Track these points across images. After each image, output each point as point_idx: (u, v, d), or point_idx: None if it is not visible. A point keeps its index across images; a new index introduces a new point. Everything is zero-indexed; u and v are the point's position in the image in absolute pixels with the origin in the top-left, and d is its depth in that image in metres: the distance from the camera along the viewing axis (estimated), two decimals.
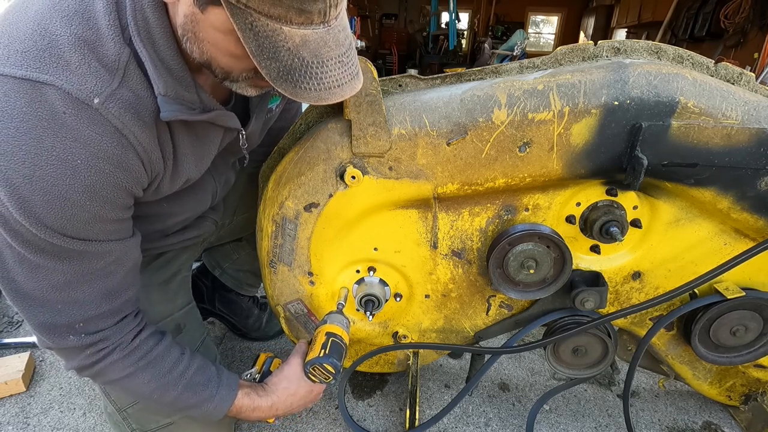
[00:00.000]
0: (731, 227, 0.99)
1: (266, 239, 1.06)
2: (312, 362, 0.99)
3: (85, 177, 0.69)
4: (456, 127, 0.89)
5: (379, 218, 1.02)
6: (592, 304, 1.04)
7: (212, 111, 0.80)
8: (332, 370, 0.99)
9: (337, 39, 0.66)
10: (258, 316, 1.63)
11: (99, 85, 0.67)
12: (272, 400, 1.01)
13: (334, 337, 1.01)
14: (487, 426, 1.33)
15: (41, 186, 0.67)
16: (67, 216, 0.70)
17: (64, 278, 0.76)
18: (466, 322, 1.18)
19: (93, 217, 0.73)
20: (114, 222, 0.78)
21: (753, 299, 1.03)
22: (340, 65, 0.67)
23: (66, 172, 0.67)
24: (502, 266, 1.02)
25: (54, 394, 1.38)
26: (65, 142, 0.66)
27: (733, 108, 0.85)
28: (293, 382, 1.02)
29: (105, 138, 0.69)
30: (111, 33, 0.68)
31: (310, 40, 0.63)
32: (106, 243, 0.78)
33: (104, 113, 0.68)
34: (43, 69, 0.65)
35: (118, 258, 0.82)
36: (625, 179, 0.89)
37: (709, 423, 1.36)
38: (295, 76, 0.64)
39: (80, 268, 0.77)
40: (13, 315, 1.74)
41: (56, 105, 0.65)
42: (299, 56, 0.63)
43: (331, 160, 0.94)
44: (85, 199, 0.70)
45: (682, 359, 1.21)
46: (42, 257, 0.73)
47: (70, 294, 0.78)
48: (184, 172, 0.87)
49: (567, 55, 0.93)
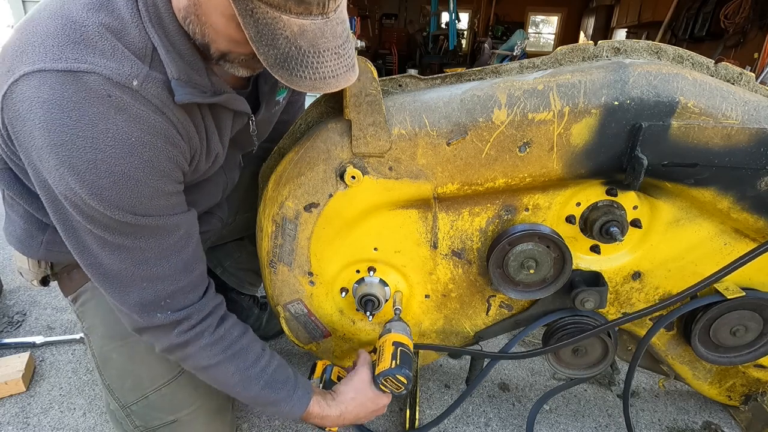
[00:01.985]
0: (731, 227, 0.99)
1: (266, 239, 1.06)
2: (384, 374, 0.99)
3: (142, 153, 0.73)
4: (456, 127, 0.89)
5: (379, 218, 1.02)
6: (592, 304, 1.04)
7: (223, 94, 0.83)
8: (404, 380, 0.99)
9: (334, 31, 0.68)
10: (258, 315, 1.63)
11: (135, 68, 0.71)
12: (341, 410, 1.01)
13: (402, 346, 1.02)
14: (487, 426, 1.33)
15: (105, 168, 0.70)
16: (134, 193, 0.74)
17: (143, 255, 0.81)
18: (466, 322, 1.18)
19: (156, 192, 0.77)
20: (173, 195, 0.82)
21: (753, 299, 1.03)
22: (336, 56, 0.69)
23: (125, 150, 0.71)
24: (502, 266, 1.02)
25: (54, 394, 1.38)
26: (117, 123, 0.70)
27: (733, 108, 0.85)
28: (361, 392, 1.02)
29: (151, 116, 0.73)
30: (133, 21, 0.72)
31: (308, 30, 0.65)
32: (173, 216, 0.82)
33: (144, 94, 0.72)
34: (80, 59, 0.68)
35: (187, 230, 0.87)
36: (625, 179, 0.89)
37: (709, 423, 1.36)
38: (291, 63, 0.66)
39: (156, 245, 0.81)
40: (13, 315, 1.74)
41: (101, 90, 0.68)
42: (296, 45, 0.65)
43: (331, 160, 0.94)
44: (147, 175, 0.74)
45: (682, 359, 1.21)
46: (121, 237, 0.78)
47: (152, 270, 0.82)
48: (214, 150, 0.92)
49: (567, 55, 0.93)
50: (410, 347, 1.03)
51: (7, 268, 2.06)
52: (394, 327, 1.06)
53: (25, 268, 1.03)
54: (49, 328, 1.68)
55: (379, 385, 1.01)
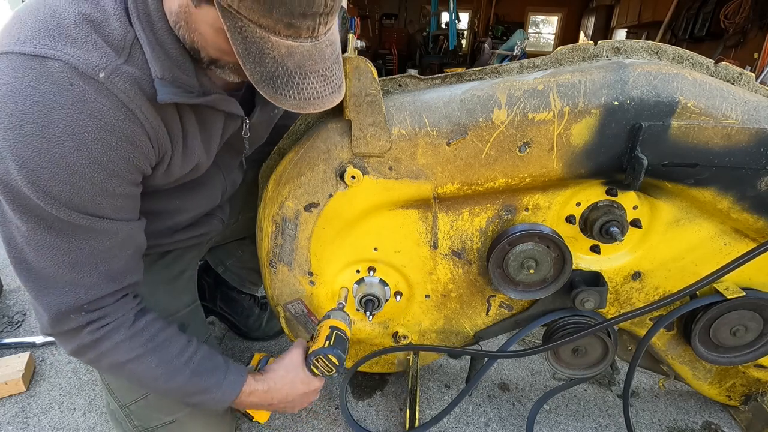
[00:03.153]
0: (731, 227, 0.99)
1: (266, 239, 1.06)
2: (316, 353, 0.98)
3: (92, 149, 0.70)
4: (456, 127, 0.89)
5: (379, 218, 1.02)
6: (592, 304, 1.04)
7: (211, 95, 0.81)
8: (336, 361, 0.98)
9: (323, 53, 0.69)
10: (258, 315, 1.63)
11: (104, 60, 0.69)
12: (268, 385, 0.99)
13: (338, 330, 1.01)
14: (487, 426, 1.33)
15: (49, 158, 0.68)
16: (75, 188, 0.71)
17: (71, 257, 0.77)
18: (466, 322, 1.18)
19: (100, 191, 0.74)
20: (121, 197, 0.78)
21: (753, 299, 1.03)
22: (322, 79, 0.70)
23: (73, 144, 0.68)
24: (502, 266, 1.02)
25: (54, 394, 1.38)
26: (72, 115, 0.67)
27: (733, 108, 0.85)
28: (291, 370, 1.01)
29: (111, 111, 0.70)
30: (117, 14, 0.71)
31: (296, 53, 0.66)
32: (113, 222, 0.79)
33: (110, 87, 0.69)
34: (50, 46, 0.67)
35: (123, 240, 0.82)
36: (625, 179, 0.89)
37: (709, 423, 1.36)
38: (277, 82, 0.67)
39: (86, 247, 0.78)
40: (13, 315, 1.74)
41: (62, 79, 0.66)
42: (283, 65, 0.66)
43: (331, 160, 0.94)
44: (93, 172, 0.71)
45: (682, 359, 1.21)
46: (50, 234, 0.74)
47: (76, 275, 0.79)
48: (194, 155, 0.88)
49: (567, 55, 0.93)
50: (347, 334, 1.02)
51: (7, 268, 2.06)
52: (334, 314, 1.05)
53: None
54: None
55: (311, 366, 1.00)
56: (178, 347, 0.92)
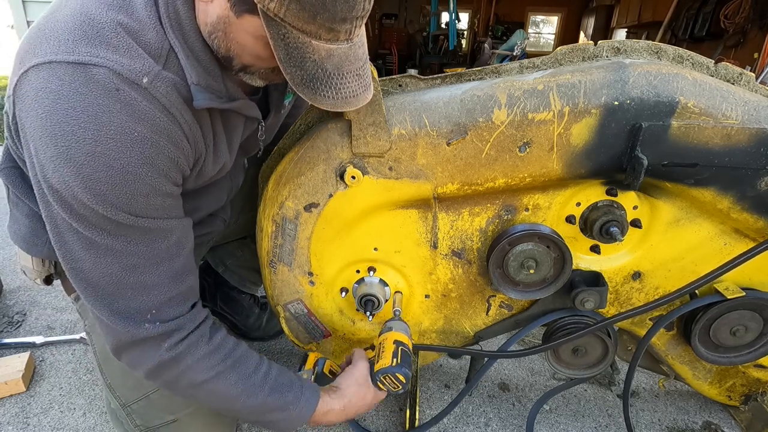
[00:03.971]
0: (731, 227, 0.99)
1: (266, 239, 1.06)
2: (384, 371, 0.98)
3: (143, 149, 0.72)
4: (456, 127, 0.89)
5: (379, 218, 1.02)
6: (592, 304, 1.04)
7: (237, 100, 0.84)
8: (404, 380, 0.99)
9: (357, 54, 0.73)
10: (258, 315, 1.63)
11: (146, 66, 0.71)
12: (344, 403, 0.99)
13: (403, 346, 1.01)
14: (487, 426, 1.33)
15: (103, 161, 0.69)
16: (130, 190, 0.73)
17: (131, 261, 0.78)
18: (466, 322, 1.18)
19: (153, 190, 0.76)
20: (169, 197, 0.80)
21: (753, 299, 1.03)
22: (357, 78, 0.74)
23: (126, 145, 0.70)
24: (502, 266, 1.02)
25: (54, 394, 1.38)
26: (121, 117, 0.69)
27: (733, 108, 0.85)
28: (363, 386, 1.01)
29: (157, 114, 0.73)
30: (152, 23, 0.73)
31: (335, 55, 0.70)
32: (167, 220, 0.80)
33: (153, 92, 0.72)
34: (93, 53, 0.68)
35: (179, 238, 0.84)
36: (625, 179, 0.89)
37: (709, 423, 1.36)
38: (316, 84, 0.71)
39: (146, 250, 0.79)
40: (13, 315, 1.74)
41: (109, 84, 0.68)
42: (323, 68, 0.70)
43: (331, 160, 0.94)
44: (146, 171, 0.73)
45: (682, 359, 1.21)
46: (109, 239, 0.75)
47: (139, 277, 0.79)
48: (222, 157, 0.92)
49: (567, 55, 0.93)
50: (410, 347, 1.03)
51: (7, 268, 2.06)
52: (396, 326, 1.06)
53: (29, 267, 1.03)
54: (49, 328, 1.68)
55: (378, 382, 1.00)
56: (254, 363, 0.92)
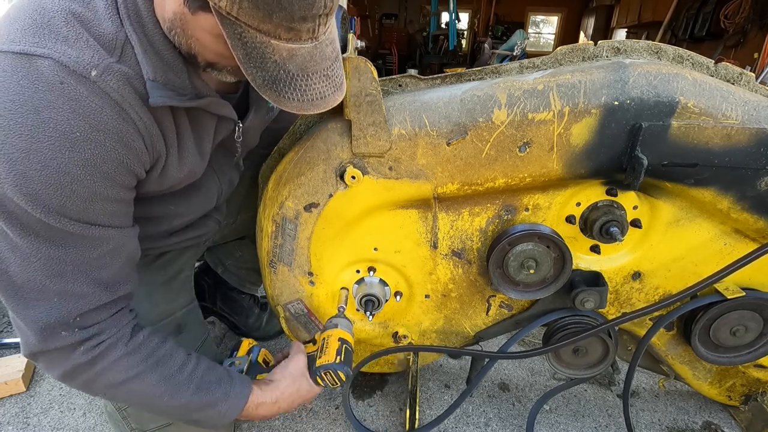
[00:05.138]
0: (731, 227, 0.99)
1: (266, 239, 1.06)
2: (326, 367, 0.98)
3: (84, 150, 0.67)
4: (456, 127, 0.89)
5: (379, 218, 1.02)
6: (592, 304, 1.04)
7: (205, 97, 0.79)
8: (344, 378, 0.99)
9: (323, 53, 0.68)
10: (258, 315, 1.63)
11: (96, 58, 0.66)
12: (276, 395, 0.97)
13: (346, 344, 1.01)
14: (487, 426, 1.33)
15: (39, 159, 0.65)
16: (66, 192, 0.68)
17: (59, 267, 0.73)
18: (466, 322, 1.18)
19: (93, 195, 0.71)
20: (114, 202, 0.75)
21: (753, 299, 1.03)
22: (324, 78, 0.69)
23: (65, 144, 0.66)
24: (502, 266, 1.02)
25: (54, 394, 1.38)
26: (63, 114, 0.65)
27: (733, 108, 0.85)
28: (297, 379, 1.00)
29: (104, 110, 0.68)
30: (108, 14, 0.69)
31: (297, 55, 0.65)
32: (105, 229, 0.75)
33: (102, 86, 0.67)
34: (40, 44, 0.65)
35: (115, 248, 0.78)
36: (625, 179, 0.89)
37: (709, 423, 1.36)
38: (279, 86, 0.66)
39: (76, 256, 0.74)
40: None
41: (53, 77, 0.64)
42: (285, 69, 0.65)
43: (331, 160, 0.94)
44: (85, 174, 0.68)
45: (682, 359, 1.21)
46: (37, 242, 0.70)
47: (66, 285, 0.74)
48: (189, 159, 0.86)
49: (567, 55, 0.93)
50: (353, 345, 1.04)
51: None
52: (341, 323, 1.05)
53: None
54: None
55: (317, 377, 1.00)
56: (179, 361, 0.88)
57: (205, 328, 1.22)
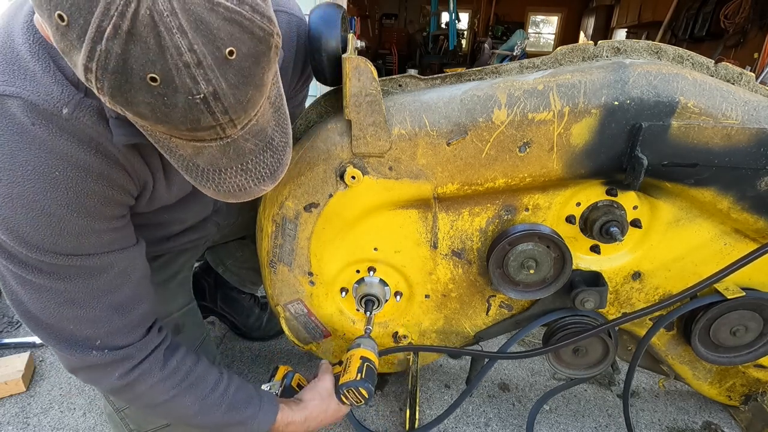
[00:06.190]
0: (731, 227, 0.99)
1: (266, 239, 1.06)
2: (348, 385, 1.00)
3: (66, 189, 0.66)
4: (456, 127, 0.89)
5: (379, 218, 1.02)
6: (592, 304, 1.04)
7: None
8: (366, 395, 1.00)
9: (240, 149, 0.59)
10: (259, 315, 1.63)
11: (66, 94, 0.63)
12: (305, 415, 1.00)
13: (368, 362, 1.03)
14: (487, 426, 1.33)
15: (22, 203, 0.64)
16: (54, 232, 0.67)
17: (68, 297, 0.73)
18: (466, 322, 1.18)
19: (82, 230, 0.69)
20: (107, 232, 0.74)
21: (753, 299, 1.03)
22: (242, 173, 0.62)
23: (45, 186, 0.64)
24: (502, 266, 1.02)
25: (54, 394, 1.38)
26: (39, 155, 0.63)
27: (733, 108, 0.85)
28: (325, 399, 1.02)
29: (81, 148, 0.66)
30: None
31: (204, 153, 0.58)
32: (105, 255, 0.74)
33: (75, 123, 0.64)
34: (8, 82, 0.62)
35: (124, 270, 0.78)
36: (625, 179, 0.89)
37: (709, 423, 1.36)
38: (193, 175, 0.62)
39: (83, 285, 0.73)
40: (13, 315, 1.74)
41: (24, 118, 0.62)
42: (194, 163, 0.60)
43: (331, 160, 0.94)
44: (70, 213, 0.67)
45: (682, 359, 1.21)
46: (41, 277, 0.70)
47: (78, 312, 0.75)
48: (177, 181, 0.84)
49: (567, 55, 0.93)
50: (376, 364, 1.05)
51: None
52: (364, 343, 1.08)
53: None
54: None
55: (341, 396, 1.02)
56: (212, 382, 0.92)
57: (204, 328, 1.22)
